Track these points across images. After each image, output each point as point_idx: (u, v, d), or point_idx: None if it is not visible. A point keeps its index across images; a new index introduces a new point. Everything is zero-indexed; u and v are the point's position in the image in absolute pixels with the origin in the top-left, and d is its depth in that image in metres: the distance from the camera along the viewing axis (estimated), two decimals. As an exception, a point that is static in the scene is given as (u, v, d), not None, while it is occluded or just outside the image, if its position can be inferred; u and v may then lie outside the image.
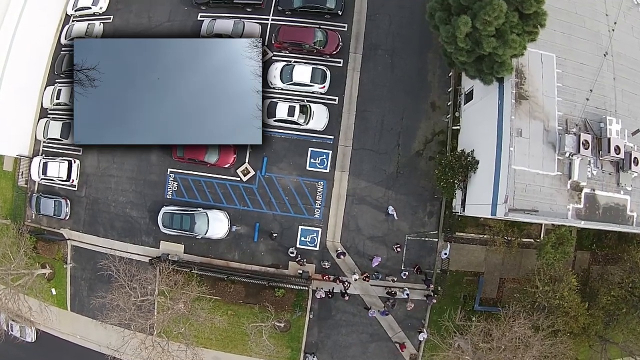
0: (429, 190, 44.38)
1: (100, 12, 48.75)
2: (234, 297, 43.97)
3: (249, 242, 44.94)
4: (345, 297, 43.42)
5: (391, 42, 46.09)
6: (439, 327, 41.60)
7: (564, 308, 38.36)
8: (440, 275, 44.27)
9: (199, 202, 45.26)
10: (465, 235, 44.53)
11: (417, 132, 45.03)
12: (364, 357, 44.56)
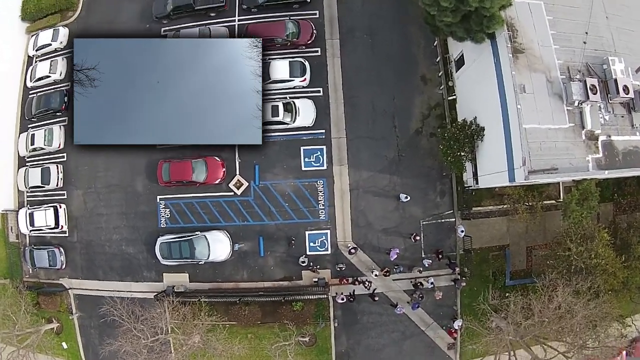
0: (436, 168, 41.25)
1: (62, 46, 45.89)
2: (251, 320, 40.77)
3: (256, 258, 41.63)
4: (375, 299, 40.15)
5: (367, 21, 42.98)
6: (474, 311, 38.38)
7: (601, 266, 35.29)
8: (465, 256, 41.09)
9: (195, 225, 42.06)
10: (482, 209, 41.47)
11: (412, 109, 41.87)
12: (399, 357, 41.31)
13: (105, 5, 46.78)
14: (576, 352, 35.94)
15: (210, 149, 42.00)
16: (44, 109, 44.74)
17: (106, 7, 46.66)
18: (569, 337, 35.85)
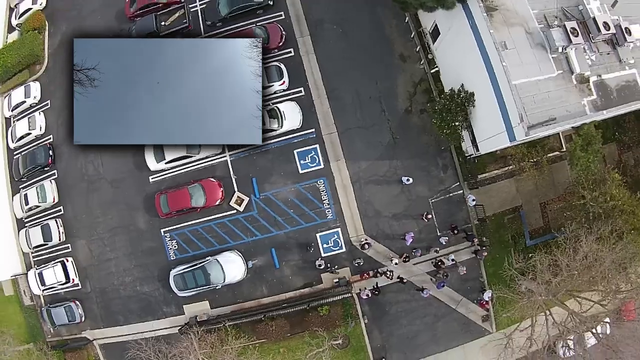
0: (433, 144, 40.17)
1: (36, 101, 44.95)
2: (280, 334, 39.50)
3: (272, 271, 40.39)
4: (404, 282, 38.51)
5: (334, 11, 41.89)
6: (501, 279, 37.18)
7: (619, 207, 34.37)
8: (480, 226, 39.95)
9: (205, 251, 40.76)
10: (488, 175, 40.36)
11: (397, 90, 40.81)
12: (435, 339, 40.13)
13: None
14: (611, 298, 35.09)
15: (203, 171, 40.82)
16: (32, 167, 43.71)
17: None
18: (601, 285, 35.00)
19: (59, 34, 46.68)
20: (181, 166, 41.37)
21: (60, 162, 43.96)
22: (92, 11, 45.82)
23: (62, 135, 44.11)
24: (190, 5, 43.47)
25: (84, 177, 43.33)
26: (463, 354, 40.23)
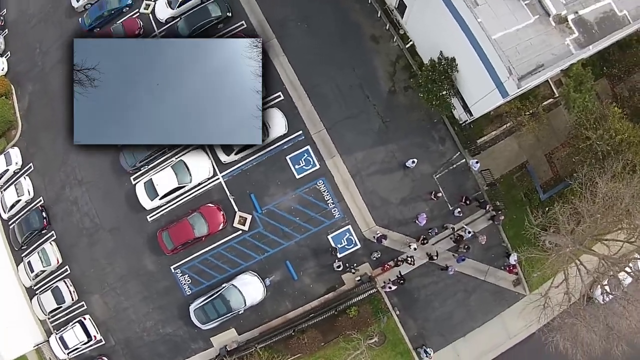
0: (425, 119, 38.51)
1: (19, 166, 43.27)
2: (314, 345, 37.69)
3: (291, 283, 38.57)
4: (434, 259, 36.52)
5: (295, 9, 40.35)
6: (524, 239, 35.43)
7: (625, 140, 32.53)
8: (490, 190, 38.20)
9: (219, 278, 38.91)
10: (487, 137, 38.69)
11: (376, 73, 39.11)
12: (471, 314, 38.28)
13: (42, 110, 43.79)
14: (638, 234, 33.27)
15: (200, 198, 39.07)
16: (29, 233, 41.94)
17: (43, 110, 43.65)
18: (626, 223, 33.21)
19: (27, 94, 45.13)
20: (176, 198, 39.53)
21: (56, 222, 42.20)
22: (54, 64, 43.64)
23: (52, 194, 42.49)
24: (152, 34, 42.03)
25: (83, 231, 41.54)
26: (502, 323, 38.44)
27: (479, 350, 38.65)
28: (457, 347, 38.47)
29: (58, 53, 44.36)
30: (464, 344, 38.48)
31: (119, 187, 41.00)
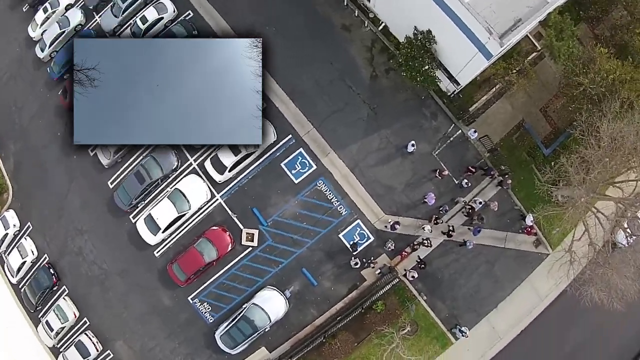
0: (412, 97, 37.18)
1: (17, 228, 41.74)
2: (347, 347, 36.27)
3: (312, 290, 37.09)
4: (468, 246, 35.30)
5: (260, 13, 38.88)
6: (536, 198, 34.17)
7: (618, 78, 31.21)
8: (493, 156, 36.81)
9: (239, 299, 37.43)
10: (478, 104, 37.37)
11: (354, 62, 37.77)
12: (498, 284, 36.74)
13: (29, 167, 42.32)
14: None
15: (203, 223, 37.54)
16: (40, 293, 40.37)
17: (31, 167, 42.23)
18: (635, 162, 31.75)
19: (11, 155, 43.65)
20: (179, 228, 38.09)
21: (65, 276, 40.75)
22: (31, 117, 42.61)
23: (56, 249, 40.93)
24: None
25: (93, 280, 40.12)
26: (531, 286, 37.08)
27: (514, 318, 37.24)
28: (491, 320, 37.01)
29: (33, 106, 43.25)
30: (497, 315, 37.09)
31: (119, 228, 39.65)
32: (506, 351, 37.42)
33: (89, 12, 43.02)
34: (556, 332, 37.73)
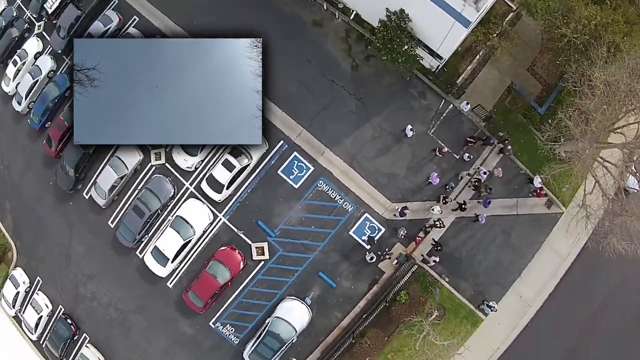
0: (396, 80, 35.93)
1: (28, 284, 40.00)
2: (377, 343, 34.80)
3: (332, 292, 35.45)
4: (481, 220, 34.20)
5: (228, 22, 37.41)
6: (540, 158, 33.27)
7: (599, 23, 30.17)
8: (489, 124, 35.59)
9: (261, 315, 35.81)
10: (464, 74, 36.15)
11: (332, 55, 36.53)
12: (518, 252, 35.36)
13: (27, 222, 40.79)
14: None
15: (210, 246, 35.96)
16: (62, 345, 38.62)
17: (29, 222, 40.67)
18: (633, 103, 30.16)
19: (8, 213, 42.20)
20: (188, 255, 36.42)
21: (83, 323, 39.10)
22: (21, 172, 41.30)
23: (69, 298, 39.38)
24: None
25: (112, 323, 38.50)
26: (551, 248, 35.73)
27: (539, 283, 35.91)
28: (517, 289, 35.68)
29: (20, 161, 41.95)
30: (522, 284, 35.74)
31: (128, 266, 38.14)
32: (538, 317, 36.13)
33: (58, 56, 41.49)
34: (583, 288, 36.50)
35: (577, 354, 36.17)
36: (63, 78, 41.04)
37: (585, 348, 36.12)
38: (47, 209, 41.00)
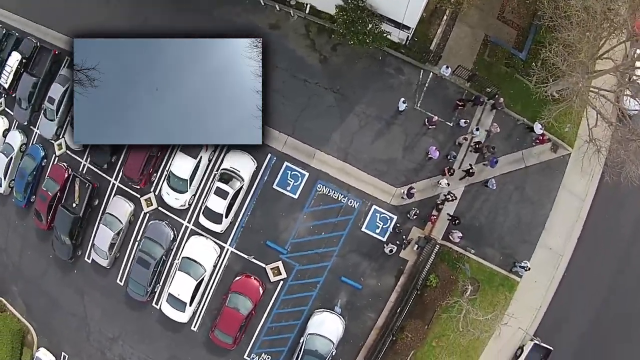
0: (369, 63, 33.18)
1: None
2: (419, 334, 31.72)
3: (359, 294, 32.44)
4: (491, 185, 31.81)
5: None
6: (534, 105, 31.00)
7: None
8: (474, 82, 32.72)
9: (294, 336, 32.77)
10: (436, 39, 33.33)
11: (297, 55, 33.79)
12: (536, 205, 32.57)
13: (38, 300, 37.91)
14: (629, 28, 28.50)
15: (225, 279, 33.13)
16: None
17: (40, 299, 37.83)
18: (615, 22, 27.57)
19: (17, 296, 38.90)
20: (204, 293, 33.56)
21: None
22: (19, 253, 38.33)
23: None
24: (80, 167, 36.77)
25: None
26: (568, 192, 33.10)
27: (564, 230, 33.19)
28: (545, 241, 33.00)
29: (16, 241, 38.90)
30: (548, 235, 33.06)
31: (148, 319, 35.23)
32: (573, 265, 33.36)
33: (26, 128, 38.78)
34: (610, 223, 33.84)
35: (619, 286, 33.25)
36: (36, 149, 38.44)
37: (624, 280, 33.31)
38: (53, 283, 38.19)
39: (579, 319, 33.95)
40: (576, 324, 33.87)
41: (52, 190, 36.33)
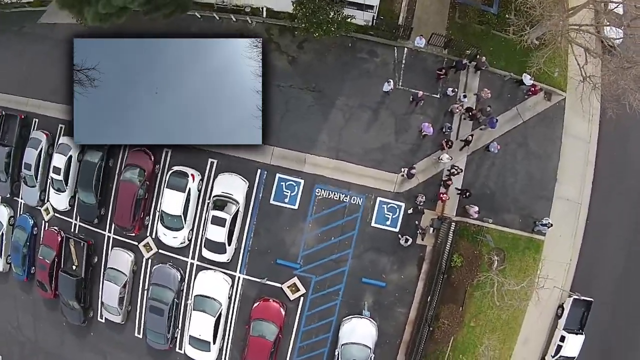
0: (340, 52, 30.35)
1: None
2: (455, 318, 28.82)
3: (385, 293, 29.51)
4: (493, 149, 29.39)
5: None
6: (518, 56, 28.52)
7: None
8: (452, 49, 29.95)
9: (327, 350, 29.71)
10: (402, 13, 30.29)
11: (267, 61, 29.48)
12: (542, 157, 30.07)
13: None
14: None
15: (244, 308, 30.11)
16: None
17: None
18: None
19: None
20: (226, 329, 30.65)
21: None
22: (33, 327, 34.94)
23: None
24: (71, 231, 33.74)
25: None
26: (572, 137, 30.55)
27: (577, 176, 30.73)
28: (560, 193, 30.39)
29: (27, 316, 35.71)
30: (562, 186, 30.51)
31: (175, 368, 34.10)
32: (593, 210, 30.91)
33: (10, 200, 35.94)
34: (621, 159, 31.49)
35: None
36: (24, 219, 35.33)
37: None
38: (73, 350, 35.01)
39: (611, 263, 31.50)
40: (610, 269, 31.41)
41: (49, 258, 33.36)
